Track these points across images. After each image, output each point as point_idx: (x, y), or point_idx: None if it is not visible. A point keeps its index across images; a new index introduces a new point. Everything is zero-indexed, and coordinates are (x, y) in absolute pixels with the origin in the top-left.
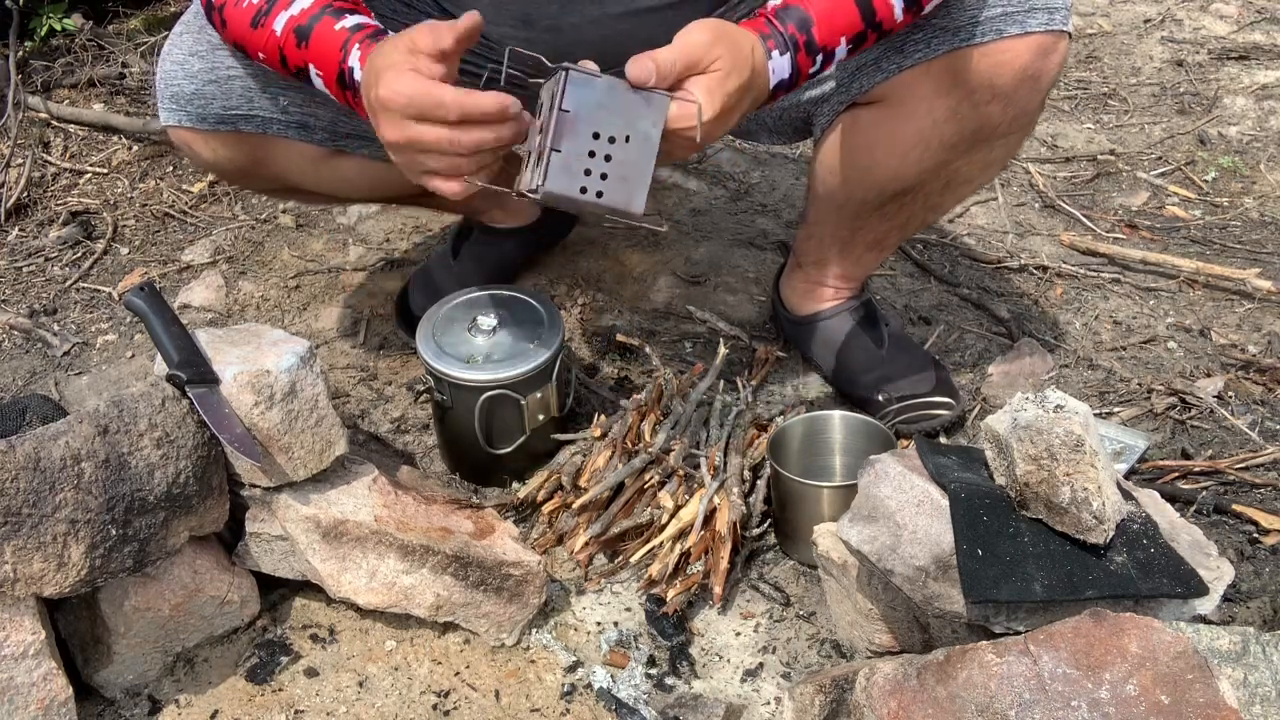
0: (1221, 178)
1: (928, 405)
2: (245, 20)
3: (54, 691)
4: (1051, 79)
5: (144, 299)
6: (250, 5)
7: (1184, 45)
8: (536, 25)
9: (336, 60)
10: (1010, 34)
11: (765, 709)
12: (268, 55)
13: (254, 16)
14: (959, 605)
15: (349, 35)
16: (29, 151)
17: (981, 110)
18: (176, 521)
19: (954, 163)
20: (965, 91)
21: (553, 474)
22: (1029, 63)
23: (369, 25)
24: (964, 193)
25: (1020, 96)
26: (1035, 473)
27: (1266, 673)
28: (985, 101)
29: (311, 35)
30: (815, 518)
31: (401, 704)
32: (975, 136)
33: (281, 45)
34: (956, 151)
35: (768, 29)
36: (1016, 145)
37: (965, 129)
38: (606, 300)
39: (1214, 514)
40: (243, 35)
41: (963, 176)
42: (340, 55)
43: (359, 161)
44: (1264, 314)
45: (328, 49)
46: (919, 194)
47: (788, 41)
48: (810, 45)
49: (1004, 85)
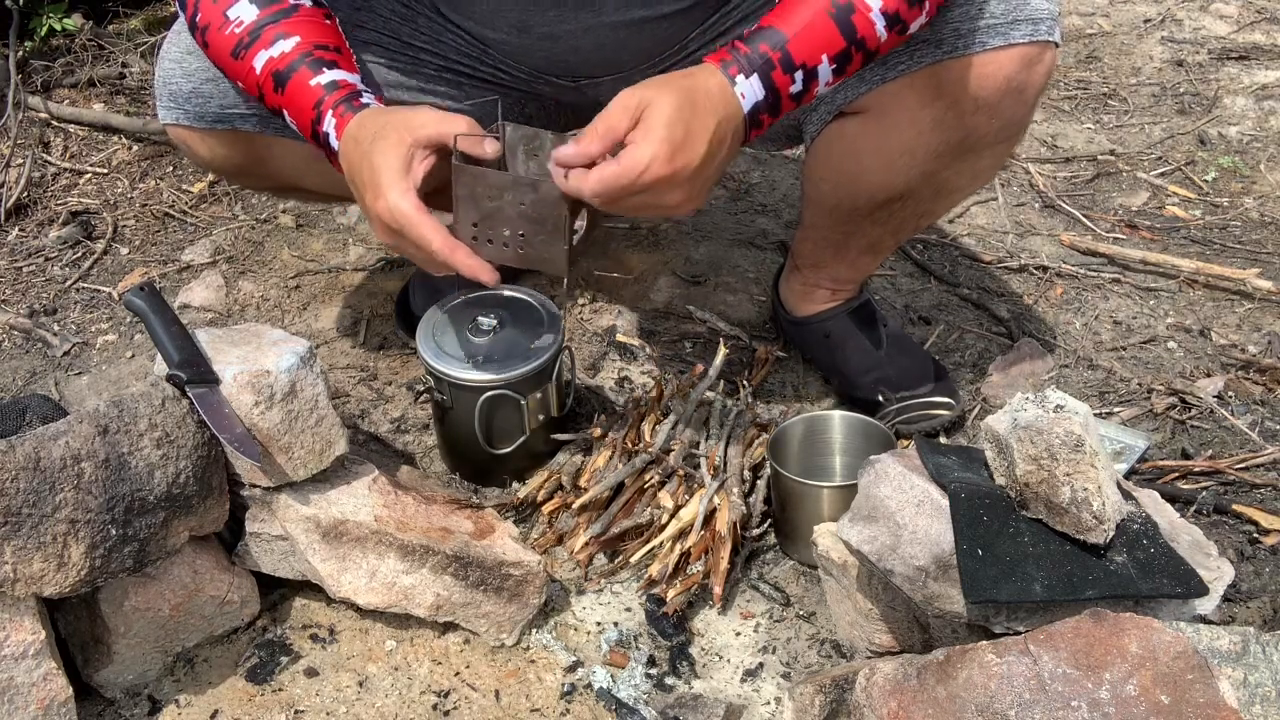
0: (1221, 178)
1: (927, 405)
2: (226, 48)
3: (54, 691)
4: (1038, 90)
5: (144, 299)
6: (232, 35)
7: (1184, 45)
8: (532, 33)
9: (310, 119)
10: (994, 46)
11: (765, 709)
12: (246, 88)
13: (235, 47)
14: (959, 605)
15: (324, 96)
16: (29, 151)
17: (967, 121)
18: (176, 521)
19: (942, 172)
20: (949, 102)
21: (553, 474)
22: (1013, 74)
23: (345, 85)
24: (955, 200)
25: (1005, 108)
26: (1035, 473)
27: (1266, 673)
28: (970, 113)
29: (288, 85)
30: (815, 518)
31: (401, 704)
32: (961, 147)
33: (260, 84)
34: (943, 161)
35: (728, 55)
36: (1005, 155)
37: (951, 139)
38: (606, 300)
39: (1214, 514)
40: (223, 62)
41: (952, 185)
42: (314, 115)
43: None
44: (1264, 314)
45: (303, 103)
46: (909, 201)
47: (754, 62)
48: (787, 62)
49: (988, 97)
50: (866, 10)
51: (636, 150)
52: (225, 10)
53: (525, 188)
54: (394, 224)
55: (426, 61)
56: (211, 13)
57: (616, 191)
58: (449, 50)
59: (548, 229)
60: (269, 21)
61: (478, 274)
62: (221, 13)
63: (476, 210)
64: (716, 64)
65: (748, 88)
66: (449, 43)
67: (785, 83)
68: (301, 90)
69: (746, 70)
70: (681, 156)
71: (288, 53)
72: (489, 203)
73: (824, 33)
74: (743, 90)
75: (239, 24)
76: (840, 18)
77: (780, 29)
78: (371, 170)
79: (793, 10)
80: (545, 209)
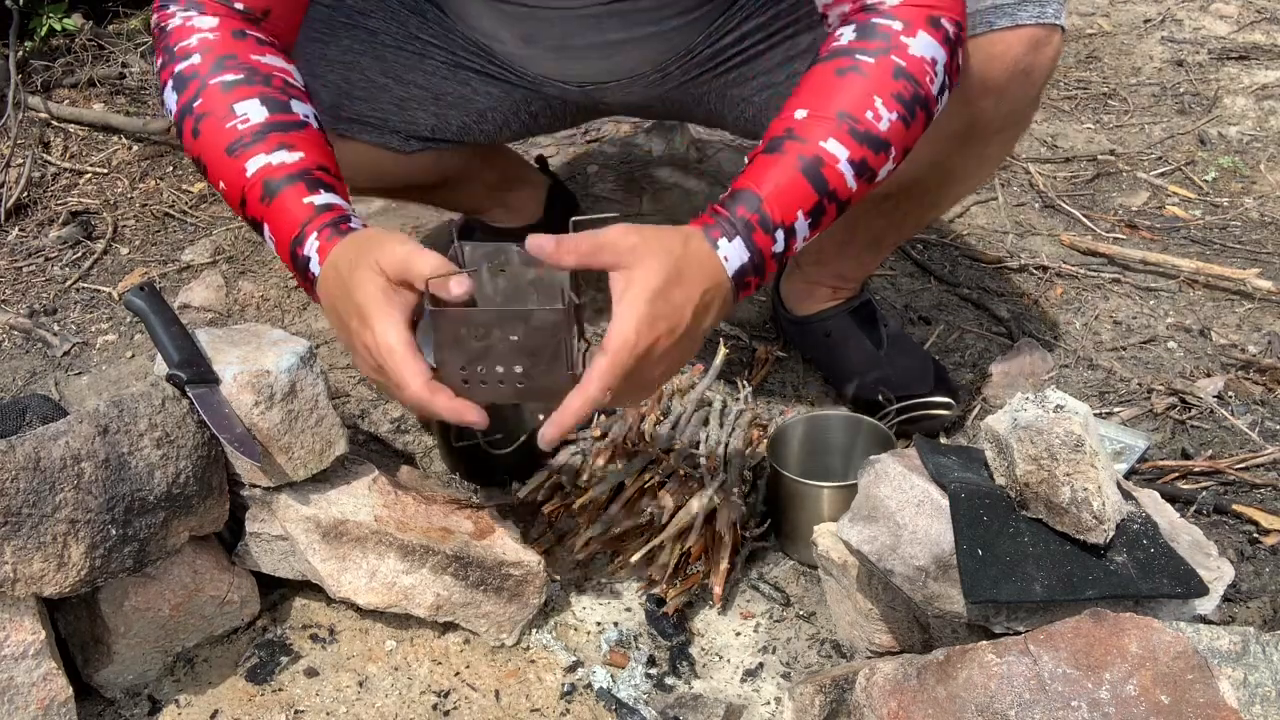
0: (1221, 178)
1: (928, 405)
2: (221, 143)
3: (54, 691)
4: (1045, 73)
5: (144, 299)
6: (233, 130)
7: (1184, 45)
8: (539, 45)
9: (291, 236)
10: (1000, 26)
11: (765, 709)
12: (227, 187)
13: (233, 143)
14: (959, 605)
15: (312, 215)
16: (29, 151)
17: (974, 105)
18: (176, 521)
19: (949, 159)
20: (958, 85)
21: (552, 474)
22: (1020, 56)
23: (336, 208)
24: (960, 190)
25: (1013, 91)
26: (1035, 473)
27: (1266, 673)
28: (977, 96)
29: (278, 196)
30: (815, 518)
31: (401, 704)
32: (969, 132)
33: (246, 188)
34: (951, 146)
35: (711, 219)
36: (1012, 141)
37: (958, 124)
38: (606, 300)
39: (1214, 514)
40: (210, 154)
41: (958, 173)
42: (297, 233)
43: (361, 147)
44: (1264, 314)
45: (288, 219)
46: (914, 191)
47: (736, 225)
48: (765, 222)
49: (996, 79)
50: (834, 161)
51: (621, 323)
52: (232, 104)
53: (514, 321)
54: (377, 357)
55: (433, 55)
56: (216, 104)
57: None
58: (456, 48)
59: (546, 358)
60: (276, 129)
61: (463, 416)
62: (228, 106)
63: (463, 353)
64: (699, 228)
65: (731, 251)
66: (456, 41)
67: (767, 243)
68: (291, 206)
69: (729, 234)
70: (664, 325)
71: (288, 164)
72: (476, 343)
73: (797, 189)
74: (726, 254)
75: (244, 121)
76: (810, 172)
77: (755, 190)
78: (355, 301)
79: (764, 170)
80: (541, 339)
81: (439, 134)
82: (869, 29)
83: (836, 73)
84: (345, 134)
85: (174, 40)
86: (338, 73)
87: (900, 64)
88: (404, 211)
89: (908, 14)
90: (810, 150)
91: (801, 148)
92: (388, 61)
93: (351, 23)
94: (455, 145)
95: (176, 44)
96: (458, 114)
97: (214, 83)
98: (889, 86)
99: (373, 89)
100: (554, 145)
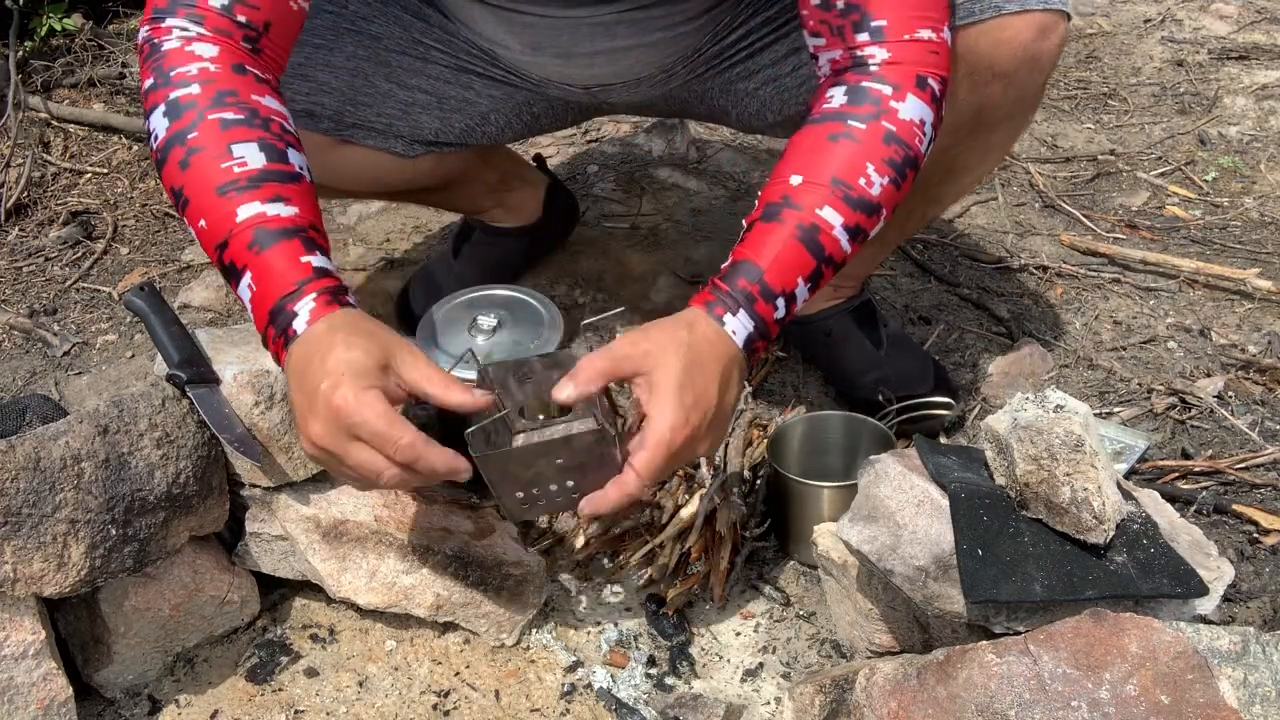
0: (1221, 178)
1: (927, 405)
2: (213, 182)
3: (54, 691)
4: (1052, 60)
5: (144, 299)
6: (228, 171)
7: (1184, 45)
8: (545, 51)
9: (284, 292)
10: (1009, 11)
11: (765, 709)
12: (209, 227)
13: (226, 184)
14: (959, 605)
15: (311, 277)
16: (29, 151)
17: (981, 91)
18: (176, 521)
19: (954, 148)
20: (964, 71)
21: None
22: (1028, 41)
23: (335, 277)
24: (964, 183)
25: (1020, 77)
26: (1035, 473)
27: (1266, 673)
28: (985, 82)
29: (271, 250)
30: (815, 518)
31: (401, 704)
32: (976, 120)
33: (233, 232)
34: (957, 135)
35: (712, 296)
36: (1018, 130)
37: (965, 111)
38: (606, 300)
39: (1214, 514)
40: (197, 191)
41: (962, 164)
42: (292, 289)
43: (364, 152)
44: (1264, 314)
45: (281, 275)
46: (917, 186)
47: (738, 299)
48: (767, 293)
49: (1004, 65)
50: (830, 228)
51: (656, 423)
52: (230, 144)
53: (558, 446)
54: (348, 419)
55: (436, 59)
56: (212, 139)
57: (662, 467)
58: (459, 52)
59: (594, 468)
60: (273, 179)
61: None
62: (225, 145)
63: (515, 484)
64: (702, 307)
65: (737, 324)
66: (459, 45)
67: (769, 311)
68: (285, 261)
69: (732, 308)
70: (697, 414)
71: (283, 218)
72: (526, 472)
73: (796, 258)
74: (733, 328)
75: (241, 163)
76: (808, 240)
77: (754, 262)
78: (337, 361)
79: (762, 240)
80: (584, 455)
81: (442, 137)
82: (859, 93)
83: (829, 138)
84: (349, 140)
85: (169, 64)
86: (342, 79)
87: (891, 129)
88: (403, 211)
89: (896, 76)
90: (807, 219)
91: (799, 216)
92: (391, 66)
93: (355, 29)
94: (457, 148)
95: (172, 69)
96: (461, 117)
97: (213, 118)
98: (880, 152)
99: (377, 94)
100: (553, 145)
